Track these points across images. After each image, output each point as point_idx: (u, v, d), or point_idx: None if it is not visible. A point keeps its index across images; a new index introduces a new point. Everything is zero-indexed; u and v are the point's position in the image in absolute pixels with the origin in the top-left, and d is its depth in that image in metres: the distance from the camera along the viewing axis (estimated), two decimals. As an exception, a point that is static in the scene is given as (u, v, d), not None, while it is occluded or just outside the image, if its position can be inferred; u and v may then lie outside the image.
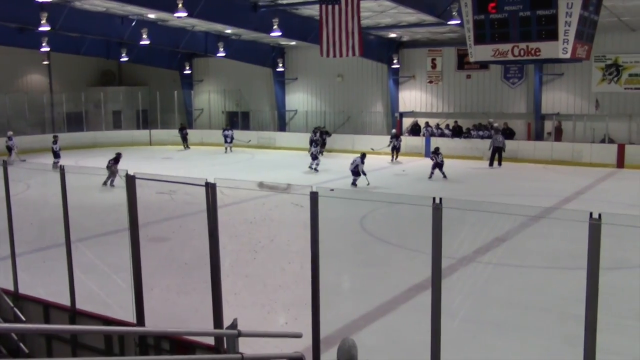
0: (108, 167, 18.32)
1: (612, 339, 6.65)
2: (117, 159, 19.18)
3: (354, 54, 18.56)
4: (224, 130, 30.54)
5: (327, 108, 32.26)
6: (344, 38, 18.61)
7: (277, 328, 7.65)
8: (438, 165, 20.46)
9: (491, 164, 23.61)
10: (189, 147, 31.08)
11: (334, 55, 18.80)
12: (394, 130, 27.13)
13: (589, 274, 4.94)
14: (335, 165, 23.97)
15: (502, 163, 23.59)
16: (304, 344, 6.03)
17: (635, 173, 21.42)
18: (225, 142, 29.79)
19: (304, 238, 6.40)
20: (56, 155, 23.84)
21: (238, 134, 31.37)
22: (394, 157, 25.73)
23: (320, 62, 28.01)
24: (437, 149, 21.06)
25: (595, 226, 4.89)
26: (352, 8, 18.56)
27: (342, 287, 9.73)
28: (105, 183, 18.12)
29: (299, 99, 33.34)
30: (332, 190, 15.62)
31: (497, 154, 23.66)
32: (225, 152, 29.43)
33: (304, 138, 30.21)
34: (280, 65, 32.75)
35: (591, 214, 4.86)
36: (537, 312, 8.45)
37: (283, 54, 32.97)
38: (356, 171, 18.73)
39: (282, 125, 33.41)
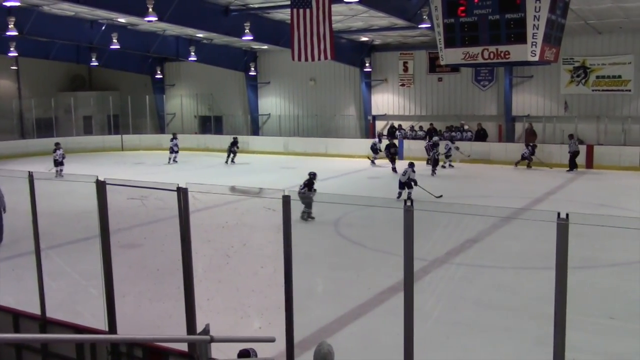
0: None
1: (581, 336, 6.77)
2: None
3: (325, 58, 18.57)
4: (171, 139, 27.81)
5: (300, 112, 32.30)
6: (316, 42, 18.62)
7: (250, 333, 7.63)
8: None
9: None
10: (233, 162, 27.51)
11: (306, 59, 18.80)
12: (382, 140, 26.44)
13: (557, 274, 5.02)
14: (308, 169, 23.93)
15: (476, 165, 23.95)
16: (278, 349, 6.02)
17: (604, 173, 21.80)
18: (171, 152, 27.30)
19: (277, 242, 6.39)
20: (57, 163, 22.41)
21: (211, 139, 31.25)
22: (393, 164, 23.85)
23: (292, 66, 28.02)
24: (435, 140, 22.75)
25: (563, 226, 4.97)
26: (324, 12, 18.60)
27: (316, 290, 9.73)
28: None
29: (272, 103, 33.33)
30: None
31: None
32: (169, 162, 27.00)
33: (278, 142, 30.26)
34: (253, 69, 32.69)
35: (559, 214, 4.94)
36: (508, 311, 8.55)
37: (255, 58, 32.94)
38: (407, 182, 16.52)
39: (255, 130, 33.35)
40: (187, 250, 5.80)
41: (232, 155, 27.03)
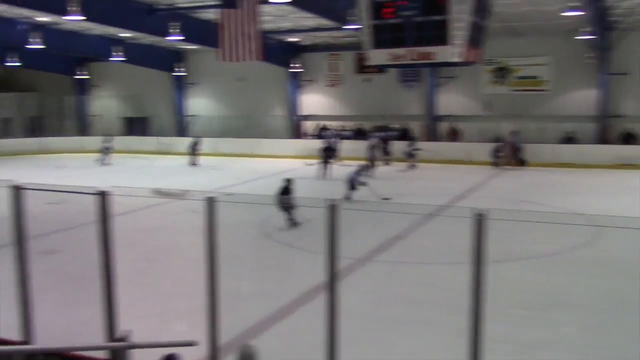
0: None
1: (497, 327, 7.01)
2: None
3: (254, 59, 18.59)
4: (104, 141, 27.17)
5: (229, 112, 32.07)
6: (244, 42, 18.59)
7: (174, 337, 7.53)
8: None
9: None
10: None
11: (234, 60, 18.75)
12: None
13: (474, 268, 5.22)
14: (237, 170, 23.88)
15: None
16: (203, 352, 5.99)
17: (523, 170, 22.66)
18: (103, 153, 26.62)
19: (201, 244, 6.36)
20: None
21: (137, 141, 30.61)
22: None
23: (221, 67, 27.77)
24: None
25: (480, 221, 5.17)
26: (252, 12, 18.58)
27: (242, 292, 9.70)
28: None
29: (200, 104, 32.97)
30: (230, 195, 15.57)
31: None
32: (101, 164, 26.20)
33: (207, 143, 29.87)
34: (180, 69, 32.22)
35: (476, 210, 5.14)
36: (431, 305, 8.78)
37: (183, 58, 32.49)
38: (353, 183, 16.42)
39: (181, 131, 32.88)
40: (107, 255, 5.70)
41: (194, 156, 26.31)
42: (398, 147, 25.65)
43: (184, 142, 30.77)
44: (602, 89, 24.47)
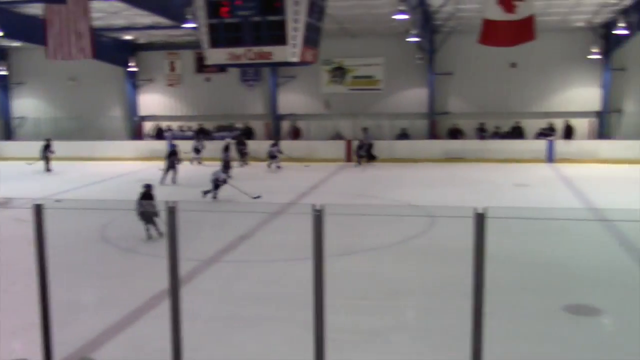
0: None
1: (339, 318, 7.28)
2: None
3: (85, 57, 17.64)
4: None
5: (60, 114, 30.22)
6: (73, 39, 17.60)
7: (6, 356, 6.97)
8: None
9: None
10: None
11: (63, 58, 17.69)
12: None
13: (315, 262, 5.35)
14: (71, 175, 22.60)
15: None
16: (37, 369, 5.62)
17: (361, 165, 23.61)
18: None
19: (31, 255, 5.94)
20: None
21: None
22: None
23: (50, 65, 26.12)
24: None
25: (317, 217, 5.31)
26: (81, 8, 17.63)
27: (81, 302, 9.20)
28: None
29: (27, 105, 30.75)
30: (59, 201, 14.70)
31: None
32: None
33: (36, 147, 27.91)
34: (4, 68, 29.82)
35: (314, 206, 5.27)
36: (277, 302, 8.87)
37: (5, 56, 30.08)
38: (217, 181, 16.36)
39: (8, 134, 30.47)
40: None
41: (46, 161, 24.05)
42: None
43: (10, 147, 28.66)
44: (430, 88, 26.18)
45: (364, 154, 23.94)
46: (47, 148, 24.20)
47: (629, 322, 7.73)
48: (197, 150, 24.88)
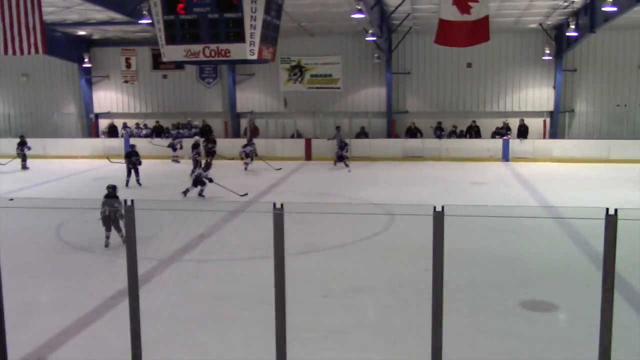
0: None
1: (301, 317, 7.29)
2: None
3: (37, 52, 17.17)
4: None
5: (11, 110, 29.43)
6: (25, 34, 17.11)
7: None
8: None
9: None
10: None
11: (14, 53, 17.16)
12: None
13: (275, 261, 5.34)
14: (24, 173, 22.07)
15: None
16: (-10, 373, 5.46)
17: (321, 164, 23.67)
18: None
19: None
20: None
21: None
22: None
23: (0, 61, 25.39)
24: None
25: (278, 215, 5.31)
26: (32, 2, 17.16)
27: (36, 303, 8.99)
28: None
29: (-25, 101, 29.84)
30: (12, 199, 14.34)
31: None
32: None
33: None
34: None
35: (274, 204, 5.26)
36: (237, 301, 8.82)
37: (-48, 51, 29.09)
38: (198, 179, 16.34)
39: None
40: None
41: (24, 157, 23.29)
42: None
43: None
44: (389, 87, 26.36)
45: (347, 154, 23.16)
46: (23, 144, 23.46)
47: (583, 317, 7.94)
48: (174, 148, 24.49)
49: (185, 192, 16.19)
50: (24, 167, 23.26)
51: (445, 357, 5.17)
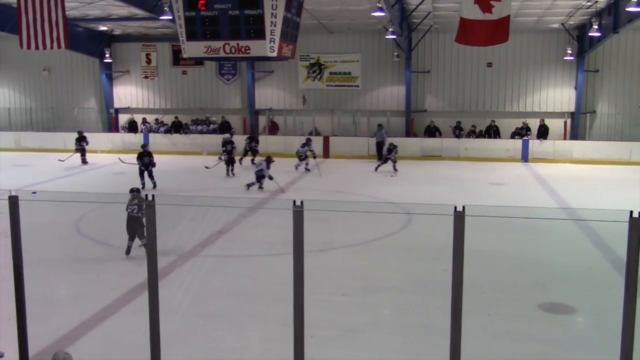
0: None
1: (318, 314, 7.28)
2: None
3: (59, 47, 17.30)
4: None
5: (33, 104, 29.74)
6: (47, 29, 17.24)
7: (-22, 351, 6.85)
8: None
9: (379, 157, 23.22)
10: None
11: (37, 48, 17.32)
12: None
13: (295, 258, 5.34)
14: (45, 167, 22.28)
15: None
16: (11, 364, 5.53)
17: (339, 162, 23.64)
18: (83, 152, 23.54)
19: (5, 248, 5.85)
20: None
21: None
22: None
23: (23, 55, 25.69)
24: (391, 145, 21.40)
25: (298, 213, 5.29)
26: (55, -3, 17.31)
27: (56, 296, 9.08)
28: None
29: (-1, 95, 30.20)
30: (35, 193, 14.48)
31: (381, 148, 23.73)
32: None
33: (8, 138, 27.51)
34: (-26, 57, 29.26)
35: (294, 202, 5.25)
36: (255, 298, 8.85)
37: (-24, 45, 29.50)
38: (261, 175, 17.20)
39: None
40: None
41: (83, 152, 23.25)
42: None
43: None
44: (408, 85, 26.26)
45: (393, 156, 21.16)
46: (81, 139, 23.51)
47: (603, 321, 7.86)
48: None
49: (249, 186, 17.06)
50: (84, 161, 23.16)
51: (463, 358, 5.13)
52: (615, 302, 5.13)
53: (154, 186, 17.49)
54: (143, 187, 16.56)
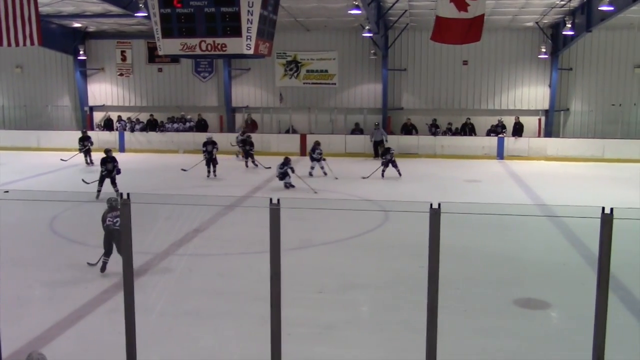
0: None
1: (296, 312, 7.27)
2: None
3: (32, 44, 17.05)
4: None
5: (5, 102, 29.29)
6: (20, 25, 16.96)
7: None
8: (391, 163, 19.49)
9: (375, 156, 23.65)
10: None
11: (9, 45, 17.01)
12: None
13: (272, 256, 5.33)
14: (19, 165, 21.95)
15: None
16: (-16, 365, 5.44)
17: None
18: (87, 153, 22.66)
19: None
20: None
21: None
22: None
23: (-6, 52, 25.28)
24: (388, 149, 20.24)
25: (275, 211, 5.28)
26: (28, -7, 17.06)
27: (30, 297, 8.96)
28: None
29: (-31, 92, 29.68)
30: (7, 192, 14.28)
31: (378, 147, 23.90)
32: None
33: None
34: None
35: (271, 199, 5.24)
36: (232, 296, 8.83)
37: (-54, 41, 28.91)
38: (285, 173, 17.37)
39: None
40: None
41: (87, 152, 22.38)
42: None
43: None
44: (384, 83, 26.35)
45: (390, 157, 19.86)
46: (85, 139, 22.68)
47: (576, 315, 7.97)
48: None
49: (288, 186, 17.30)
50: (89, 162, 22.26)
51: (439, 354, 5.17)
52: (589, 297, 5.21)
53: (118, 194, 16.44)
54: (97, 197, 15.06)
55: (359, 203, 15.29)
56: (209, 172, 19.72)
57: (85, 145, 22.59)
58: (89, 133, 24.12)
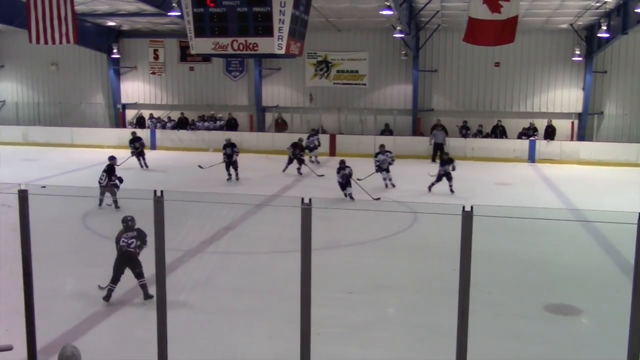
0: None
1: (324, 312, 7.27)
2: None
3: (68, 42, 17.37)
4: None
5: (41, 99, 29.84)
6: (56, 24, 17.32)
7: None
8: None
9: (433, 160, 23.17)
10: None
11: (46, 42, 17.39)
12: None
13: (302, 255, 5.35)
14: (53, 161, 22.35)
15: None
16: (20, 357, 5.56)
17: (345, 160, 23.54)
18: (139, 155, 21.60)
19: (14, 241, 5.87)
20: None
21: None
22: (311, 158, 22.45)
23: (31, 49, 25.72)
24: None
25: (306, 210, 5.29)
26: (65, -8, 17.36)
27: (63, 290, 9.13)
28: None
29: (7, 89, 30.27)
30: (44, 187, 14.53)
31: (438, 150, 23.13)
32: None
33: (16, 132, 27.66)
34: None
35: (302, 199, 5.26)
36: (262, 294, 8.88)
37: (-16, 39, 29.63)
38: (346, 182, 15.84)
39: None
40: None
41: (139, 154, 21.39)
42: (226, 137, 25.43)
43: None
44: (415, 84, 26.22)
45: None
46: (136, 140, 21.63)
47: (609, 323, 7.85)
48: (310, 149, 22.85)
49: (350, 196, 15.57)
50: (143, 166, 21.31)
51: (469, 357, 5.14)
52: (622, 305, 5.13)
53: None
54: (118, 185, 14.52)
55: (389, 204, 15.23)
56: (229, 175, 19.04)
57: (136, 147, 21.39)
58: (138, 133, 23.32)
